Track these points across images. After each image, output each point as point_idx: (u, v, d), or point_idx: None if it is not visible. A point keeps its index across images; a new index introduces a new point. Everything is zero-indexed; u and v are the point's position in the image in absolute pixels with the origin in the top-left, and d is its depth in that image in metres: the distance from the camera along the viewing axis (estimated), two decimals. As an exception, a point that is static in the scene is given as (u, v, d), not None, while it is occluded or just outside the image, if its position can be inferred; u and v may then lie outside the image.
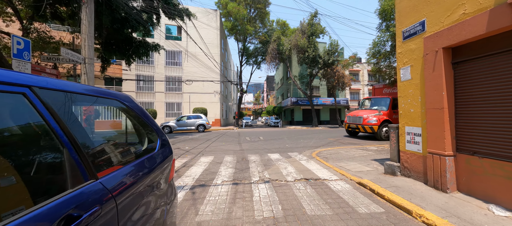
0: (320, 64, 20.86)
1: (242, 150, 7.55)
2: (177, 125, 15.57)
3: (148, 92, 21.42)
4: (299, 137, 11.99)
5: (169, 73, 21.86)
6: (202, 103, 22.31)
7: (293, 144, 9.05)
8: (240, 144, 9.27)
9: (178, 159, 6.03)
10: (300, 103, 25.62)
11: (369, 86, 30.04)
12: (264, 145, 8.78)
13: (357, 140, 10.40)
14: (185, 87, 21.95)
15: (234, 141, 10.42)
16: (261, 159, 5.96)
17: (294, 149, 7.74)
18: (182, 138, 11.88)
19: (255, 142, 10.03)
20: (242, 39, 25.38)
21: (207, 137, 12.45)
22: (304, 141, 10.08)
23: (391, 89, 12.20)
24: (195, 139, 11.12)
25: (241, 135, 13.44)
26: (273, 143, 9.58)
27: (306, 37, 21.11)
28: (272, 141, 10.37)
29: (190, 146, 8.70)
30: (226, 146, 8.68)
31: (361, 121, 10.67)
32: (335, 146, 8.53)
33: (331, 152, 6.84)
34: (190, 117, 16.26)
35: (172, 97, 21.96)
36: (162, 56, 21.68)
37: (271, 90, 63.78)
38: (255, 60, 29.92)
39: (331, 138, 11.52)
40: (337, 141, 10.05)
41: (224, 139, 11.40)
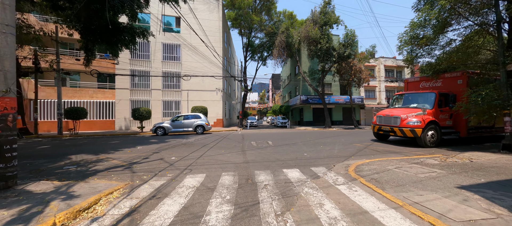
0: (334, 57, 18.57)
1: (247, 163, 5.49)
2: (172, 126, 13.64)
3: (144, 90, 19.63)
4: (316, 141, 9.84)
5: (167, 69, 20.01)
6: (203, 102, 20.38)
7: (313, 152, 6.93)
8: (244, 152, 7.20)
9: (152, 181, 4.02)
10: (310, 101, 23.34)
11: (386, 83, 27.44)
12: (276, 153, 6.69)
13: (394, 146, 8.17)
14: (184, 84, 20.06)
15: (237, 146, 8.37)
16: (275, 181, 3.89)
17: (318, 161, 5.62)
18: (174, 142, 9.91)
19: (263, 148, 7.95)
20: (247, 31, 23.32)
21: (204, 141, 10.45)
22: (325, 148, 7.93)
23: (431, 82, 9.87)
24: (189, 144, 9.12)
25: (246, 138, 11.38)
26: (286, 150, 7.48)
27: (318, 27, 18.86)
28: (284, 147, 8.26)
29: (178, 155, 6.69)
30: (226, 155, 6.63)
31: (397, 122, 8.43)
32: (372, 156, 6.35)
33: (376, 169, 4.69)
34: (188, 116, 14.32)
35: (170, 95, 20.11)
36: (159, 50, 19.86)
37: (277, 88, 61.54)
38: (261, 56, 27.81)
39: (357, 143, 9.32)
40: (368, 148, 7.85)
41: (225, 143, 9.37)
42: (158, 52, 19.83)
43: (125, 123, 18.94)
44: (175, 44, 20.27)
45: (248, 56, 26.24)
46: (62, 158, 6.32)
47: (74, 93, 18.15)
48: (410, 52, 10.43)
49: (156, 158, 6.21)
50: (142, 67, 19.55)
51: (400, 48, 11.05)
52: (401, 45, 10.89)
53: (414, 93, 9.41)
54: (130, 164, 5.48)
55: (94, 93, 18.74)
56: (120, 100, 18.95)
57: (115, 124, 18.77)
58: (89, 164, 5.59)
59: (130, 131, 16.86)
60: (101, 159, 6.14)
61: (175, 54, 20.31)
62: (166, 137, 12.23)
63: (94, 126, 18.30)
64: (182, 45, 20.35)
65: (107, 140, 11.44)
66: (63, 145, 9.54)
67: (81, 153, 7.21)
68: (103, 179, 4.19)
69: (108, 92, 19.18)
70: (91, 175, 4.52)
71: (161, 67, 19.88)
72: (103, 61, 19.09)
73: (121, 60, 18.72)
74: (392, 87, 27.88)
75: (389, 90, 28.00)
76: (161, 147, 8.38)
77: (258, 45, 26.44)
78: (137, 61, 19.45)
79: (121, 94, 19.03)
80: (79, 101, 17.98)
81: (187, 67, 19.94)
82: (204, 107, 17.55)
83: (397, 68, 28.35)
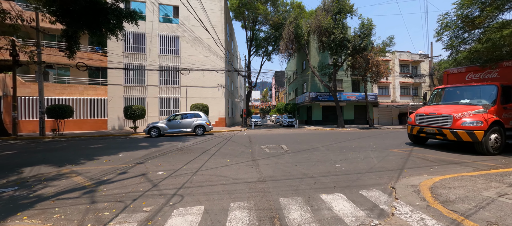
0: (349, 49, 16.74)
1: (264, 182, 3.78)
2: (168, 126, 11.98)
3: (139, 86, 17.98)
4: (341, 146, 8.10)
5: (164, 63, 18.34)
6: (204, 99, 18.71)
7: (345, 162, 5.20)
8: (256, 162, 5.50)
9: (123, 214, 2.33)
10: (320, 99, 21.53)
11: (401, 79, 25.39)
12: (298, 164, 4.98)
13: (444, 153, 6.40)
14: (183, 80, 18.38)
15: (245, 153, 6.67)
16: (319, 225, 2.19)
17: (362, 178, 3.90)
18: (168, 146, 8.24)
19: (278, 155, 6.24)
20: (251, 24, 21.55)
21: (205, 144, 8.77)
22: (358, 155, 6.20)
23: (483, 74, 8.06)
24: (185, 150, 7.45)
25: (253, 141, 9.68)
26: (309, 158, 5.76)
27: (331, 16, 17.03)
28: (304, 153, 6.55)
29: (168, 167, 5.00)
30: (233, 167, 4.93)
31: (448, 123, 6.66)
32: (429, 168, 4.60)
33: (468, 196, 2.97)
34: (186, 115, 12.64)
35: (167, 91, 18.45)
36: (155, 42, 18.18)
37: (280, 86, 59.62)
38: (265, 51, 26.01)
39: (391, 147, 7.57)
40: (413, 156, 6.09)
41: (230, 148, 7.68)
42: (154, 45, 18.15)
43: (118, 122, 17.34)
44: (173, 36, 18.57)
45: (252, 50, 24.48)
46: (10, 171, 4.68)
47: (63, 90, 16.56)
48: (454, 37, 8.62)
49: (137, 172, 4.53)
50: (137, 61, 17.88)
51: (439, 34, 9.25)
52: (441, 30, 9.09)
53: (464, 87, 7.61)
54: (97, 184, 3.81)
55: (84, 90, 17.14)
56: (113, 97, 17.33)
57: (108, 124, 17.17)
58: (40, 183, 3.93)
59: (123, 131, 15.25)
60: (61, 174, 4.48)
61: (173, 47, 18.62)
62: (160, 139, 10.57)
63: (84, 126, 16.71)
64: (181, 37, 18.65)
65: (91, 142, 9.81)
66: (32, 149, 7.91)
67: (44, 163, 5.56)
68: (36, 219, 2.51)
69: (100, 88, 17.57)
70: (24, 208, 2.85)
71: (158, 61, 18.20)
72: (95, 54, 17.47)
73: (114, 52, 17.10)
74: (408, 84, 25.94)
75: (404, 87, 26.08)
76: (150, 153, 6.70)
77: (262, 38, 24.65)
78: (132, 54, 17.78)
79: (114, 91, 17.41)
80: (67, 99, 16.40)
81: (186, 61, 18.25)
82: (204, 105, 15.88)
83: (413, 63, 26.38)
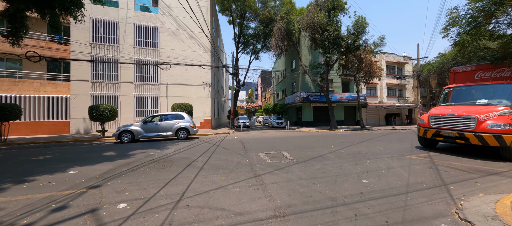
0: (342, 47, 16.09)
1: (283, 217, 2.42)
2: (143, 130, 10.10)
3: (110, 82, 15.61)
4: (350, 152, 7.04)
5: (141, 57, 16.17)
6: (187, 99, 16.85)
7: (372, 176, 4.04)
8: (260, 179, 4.13)
9: None
10: (311, 99, 20.74)
11: (388, 80, 25.65)
12: (315, 181, 3.70)
13: (467, 159, 5.57)
14: (164, 76, 16.36)
15: (242, 165, 5.27)
16: None
17: (413, 203, 2.70)
18: (140, 156, 6.54)
19: (284, 167, 4.93)
20: (240, 16, 20.11)
21: (189, 152, 7.20)
22: (378, 165, 5.13)
23: (494, 72, 7.55)
24: (165, 162, 5.84)
25: (248, 147, 8.29)
26: (324, 170, 4.53)
27: (325, 12, 16.25)
28: (313, 163, 5.32)
29: (138, 193, 3.43)
30: (230, 189, 3.50)
31: (471, 126, 5.89)
32: (471, 180, 3.60)
33: None
34: (167, 116, 10.85)
35: (145, 89, 16.29)
36: (130, 32, 15.95)
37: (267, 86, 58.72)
38: (253, 49, 24.72)
39: (405, 152, 6.67)
40: (440, 164, 5.18)
41: (222, 158, 6.22)
42: (129, 36, 15.91)
43: (84, 125, 14.82)
44: (151, 26, 16.46)
45: (239, 48, 23.02)
46: None
47: (12, 86, 13.70)
48: (464, 32, 8.04)
49: (84, 206, 2.91)
50: (107, 53, 15.50)
51: (447, 29, 8.66)
52: (449, 25, 8.48)
53: (481, 86, 6.99)
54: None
55: (41, 87, 14.39)
56: (77, 95, 14.78)
57: (70, 126, 14.58)
58: None
59: (88, 136, 12.92)
60: None
61: (151, 39, 16.51)
62: (132, 146, 8.73)
63: (40, 129, 13.97)
64: (161, 28, 16.61)
65: (39, 152, 7.68)
66: None
67: None
68: None
69: (62, 85, 14.92)
70: None
71: (134, 54, 15.99)
72: (55, 44, 14.79)
73: (79, 42, 14.61)
74: (394, 85, 26.37)
75: (391, 88, 26.47)
76: (115, 168, 5.01)
77: (251, 35, 23.32)
78: (101, 45, 15.36)
79: (78, 87, 14.87)
80: (18, 97, 13.57)
81: (168, 55, 16.27)
82: (188, 105, 14.11)
83: (398, 65, 26.92)
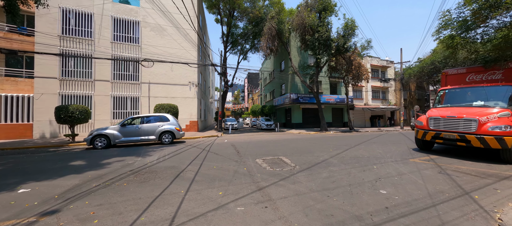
0: (333, 49, 16.05)
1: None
2: (121, 133, 8.92)
3: (83, 80, 13.96)
4: (352, 156, 6.65)
5: (120, 53, 14.72)
6: (171, 99, 15.67)
7: (388, 185, 3.58)
8: (266, 193, 3.47)
9: None
10: (301, 101, 20.54)
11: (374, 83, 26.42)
12: (332, 195, 3.14)
13: (470, 162, 5.41)
14: (146, 75, 15.05)
15: (240, 174, 4.57)
16: None
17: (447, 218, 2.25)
18: (117, 167, 5.55)
19: (290, 178, 4.32)
20: (229, 14, 19.36)
21: (176, 160, 6.33)
22: (387, 170, 4.73)
23: (485, 75, 7.67)
24: (146, 173, 4.95)
25: (242, 152, 7.57)
26: (337, 180, 4.00)
27: (315, 13, 16.12)
28: (319, 170, 4.78)
29: (111, 220, 2.58)
30: (233, 210, 2.79)
31: (473, 128, 5.78)
32: (491, 186, 3.31)
33: None
34: (149, 118, 9.76)
35: (124, 88, 14.83)
36: (107, 26, 14.46)
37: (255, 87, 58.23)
38: (241, 49, 24.05)
39: (408, 156, 6.42)
40: (447, 168, 4.92)
41: (215, 166, 5.46)
42: (106, 29, 14.40)
43: (50, 128, 13.03)
44: (132, 20, 15.10)
45: (228, 47, 22.22)
46: None
47: (-42, 82, 11.61)
48: (457, 34, 8.11)
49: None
50: (80, 47, 13.85)
51: (438, 32, 8.73)
52: (441, 27, 8.54)
53: (476, 88, 7.00)
54: None
55: (-3, 84, 12.41)
56: (42, 94, 12.97)
57: (34, 130, 12.72)
58: None
59: (55, 141, 11.32)
60: None
61: (131, 34, 15.13)
62: (107, 153, 7.59)
63: (-5, 133, 11.99)
64: (142, 23, 15.31)
65: (-13, 162, 6.29)
66: None
67: None
68: None
69: (24, 82, 13.01)
70: None
71: (111, 49, 14.50)
72: (16, 35, 12.89)
73: (45, 33, 12.90)
74: (378, 88, 27.24)
75: (375, 91, 27.32)
76: (83, 183, 4.04)
77: (239, 34, 22.64)
78: (73, 39, 13.70)
79: (44, 85, 13.07)
80: (-34, 95, 11.52)
81: (150, 52, 15.00)
82: (173, 106, 13.02)
83: (382, 69, 27.91)
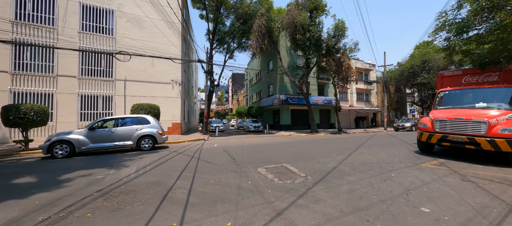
0: (323, 50, 15.82)
1: None
2: (90, 138, 7.43)
3: (43, 75, 11.87)
4: (360, 161, 6.09)
5: (90, 45, 12.82)
6: (152, 99, 14.10)
7: (420, 198, 2.98)
8: (287, 219, 2.61)
9: None
10: (290, 102, 20.10)
11: (358, 85, 27.11)
12: (372, 221, 2.42)
13: (481, 167, 5.14)
14: (121, 71, 13.32)
15: (245, 190, 3.66)
16: None
17: None
18: (79, 184, 4.30)
19: (306, 192, 3.52)
20: (216, 9, 18.22)
21: (160, 173, 5.21)
22: (408, 179, 4.19)
23: (481, 77, 7.70)
24: (120, 195, 3.81)
25: (238, 159, 6.63)
26: (365, 195, 3.30)
27: (306, 12, 15.76)
28: (337, 182, 4.07)
29: None
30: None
31: (482, 130, 5.57)
32: None
33: None
34: (125, 120, 8.33)
35: (94, 85, 12.94)
36: (74, 13, 12.51)
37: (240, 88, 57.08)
38: (228, 47, 22.97)
39: (416, 160, 6.05)
40: (468, 174, 4.55)
41: (211, 180, 4.48)
42: (72, 17, 12.45)
43: (-2, 131, 10.80)
44: (104, 8, 13.28)
45: (214, 44, 21.00)
46: None
47: None
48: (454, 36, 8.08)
49: None
50: (39, 36, 11.75)
51: (434, 33, 8.68)
52: (438, 28, 8.49)
53: (477, 89, 6.92)
54: None
55: None
56: (-13, 91, 10.70)
57: (-26, 134, 10.40)
58: None
59: (2, 149, 9.29)
60: None
61: (104, 24, 13.30)
62: (70, 164, 6.14)
63: None
64: (118, 12, 13.56)
65: None
66: None
67: None
68: None
69: (-38, 76, 10.60)
70: None
71: (79, 40, 12.55)
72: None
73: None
74: (362, 90, 28.03)
75: (359, 93, 28.06)
76: (23, 216, 2.81)
77: (225, 32, 21.56)
78: (30, 26, 11.56)
79: (-9, 80, 10.80)
80: None
81: (126, 44, 13.31)
82: (154, 106, 11.58)
83: (365, 71, 28.80)
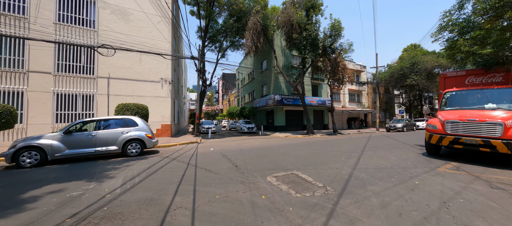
0: (320, 49, 15.53)
1: None
2: (66, 144, 6.40)
3: (10, 71, 10.45)
4: (375, 167, 5.65)
5: (68, 38, 11.53)
6: (139, 98, 13.01)
7: (461, 212, 2.54)
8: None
9: None
10: (285, 102, 19.66)
11: (351, 86, 27.32)
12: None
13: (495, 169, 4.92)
14: (104, 67, 12.13)
15: (260, 208, 3.02)
16: None
17: None
18: (47, 206, 3.42)
19: (334, 209, 2.95)
20: (209, 5, 17.37)
21: (152, 186, 4.43)
22: (434, 187, 3.76)
23: (484, 78, 7.61)
24: (102, 221, 2.99)
25: (240, 166, 5.95)
26: (403, 213, 2.78)
27: (303, 11, 15.40)
28: (356, 191, 3.54)
29: None
30: None
31: (498, 132, 5.33)
32: None
33: None
34: (108, 122, 7.35)
35: (72, 83, 11.65)
36: (50, 1, 11.18)
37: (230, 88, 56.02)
38: (220, 46, 22.13)
39: (431, 165, 5.72)
40: (491, 179, 4.22)
41: (217, 196, 3.77)
42: (46, 6, 11.11)
43: (-47, 135, 9.27)
44: (86, -2, 12.03)
45: (206, 41, 20.09)
46: None
47: None
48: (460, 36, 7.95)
49: None
50: (6, 27, 10.32)
51: (436, 34, 8.54)
52: (441, 28, 8.34)
53: (486, 90, 6.76)
54: None
55: None
56: None
57: None
58: None
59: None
60: None
61: (84, 16, 12.05)
62: (39, 176, 5.16)
63: None
64: (100, 2, 12.35)
65: None
66: None
67: None
68: None
69: None
70: None
71: (55, 32, 11.23)
72: None
73: None
74: (354, 91, 28.32)
75: (351, 94, 28.33)
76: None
77: (218, 30, 20.73)
78: (-4, 15, 10.11)
79: None
80: None
81: (110, 38, 12.13)
82: (142, 106, 10.58)
83: (357, 73, 29.15)
